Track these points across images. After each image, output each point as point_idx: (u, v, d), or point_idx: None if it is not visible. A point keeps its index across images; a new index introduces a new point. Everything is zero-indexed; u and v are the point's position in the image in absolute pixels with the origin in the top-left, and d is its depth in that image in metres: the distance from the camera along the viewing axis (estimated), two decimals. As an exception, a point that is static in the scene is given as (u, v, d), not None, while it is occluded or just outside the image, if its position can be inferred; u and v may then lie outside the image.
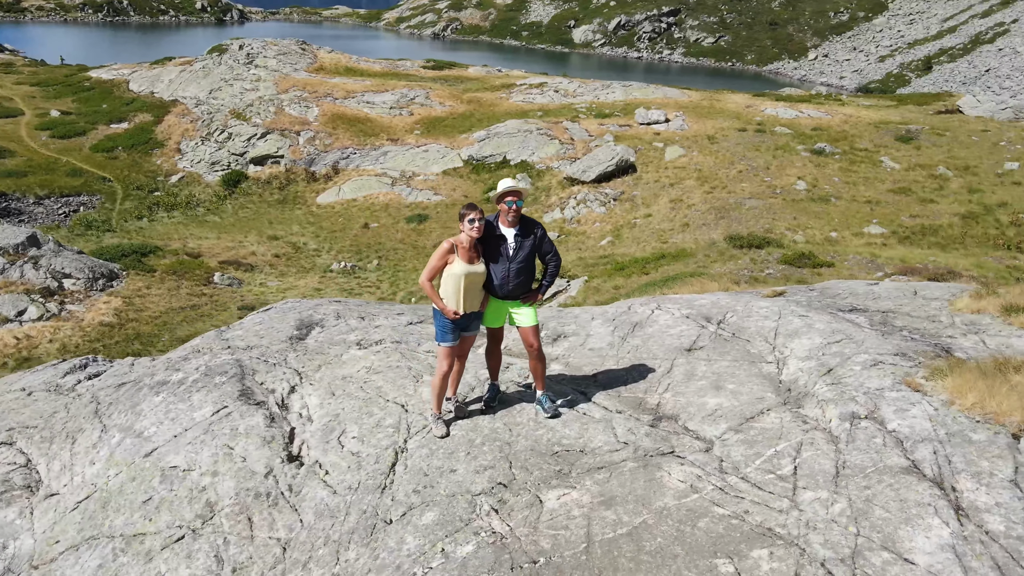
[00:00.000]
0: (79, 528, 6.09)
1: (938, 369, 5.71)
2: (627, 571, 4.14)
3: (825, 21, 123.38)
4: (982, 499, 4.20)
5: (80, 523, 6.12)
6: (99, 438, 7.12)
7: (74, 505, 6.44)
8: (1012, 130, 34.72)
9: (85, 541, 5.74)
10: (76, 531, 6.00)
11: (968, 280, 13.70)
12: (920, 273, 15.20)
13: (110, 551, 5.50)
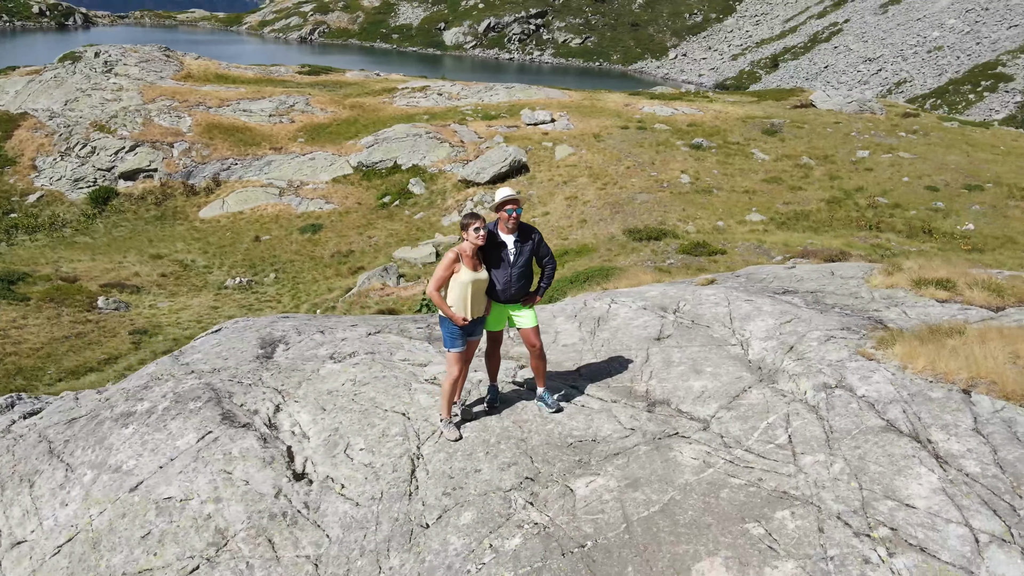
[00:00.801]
0: (68, 572, 5.79)
1: (884, 339, 6.49)
2: (670, 544, 4.52)
3: (681, 22, 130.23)
4: (955, 447, 4.91)
5: (68, 567, 5.82)
6: (66, 478, 6.74)
7: (54, 550, 6.10)
8: (859, 122, 38.31)
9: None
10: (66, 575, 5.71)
11: (858, 259, 15.20)
12: (816, 255, 16.67)
13: (120, 591, 5.30)
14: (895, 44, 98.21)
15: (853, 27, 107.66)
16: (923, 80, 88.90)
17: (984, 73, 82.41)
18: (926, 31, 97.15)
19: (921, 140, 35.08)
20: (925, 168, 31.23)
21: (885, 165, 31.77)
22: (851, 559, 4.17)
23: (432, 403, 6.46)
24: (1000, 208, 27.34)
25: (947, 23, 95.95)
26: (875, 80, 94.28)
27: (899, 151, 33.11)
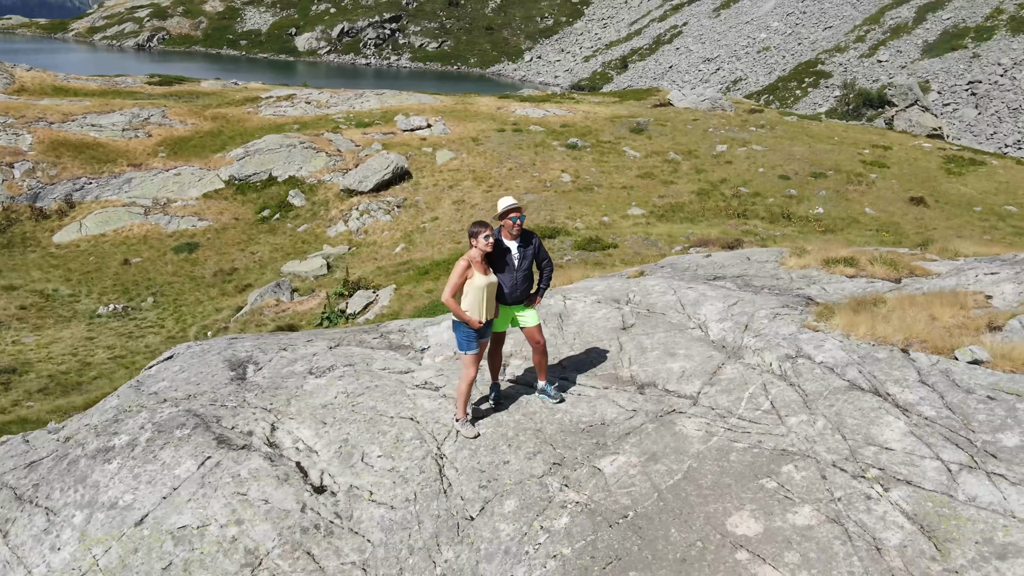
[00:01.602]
0: (85, 617, 5.61)
1: (823, 312, 7.47)
2: (700, 505, 5.13)
3: (534, 26, 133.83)
4: (910, 397, 5.85)
5: (84, 612, 5.64)
6: (49, 522, 6.42)
7: (59, 597, 5.86)
8: (714, 118, 41.38)
9: (120, 623, 5.36)
10: (84, 620, 5.52)
11: (750, 245, 16.70)
12: (715, 243, 18.08)
13: (165, 623, 5.25)
14: (729, 45, 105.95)
15: (691, 30, 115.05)
16: (756, 78, 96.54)
17: (807, 71, 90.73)
18: (755, 33, 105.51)
19: (769, 134, 38.46)
20: (776, 159, 34.31)
21: (742, 158, 34.58)
22: (856, 497, 4.94)
23: (436, 406, 6.75)
24: (842, 192, 30.59)
25: (772, 25, 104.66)
26: (715, 78, 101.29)
27: (752, 144, 36.15)
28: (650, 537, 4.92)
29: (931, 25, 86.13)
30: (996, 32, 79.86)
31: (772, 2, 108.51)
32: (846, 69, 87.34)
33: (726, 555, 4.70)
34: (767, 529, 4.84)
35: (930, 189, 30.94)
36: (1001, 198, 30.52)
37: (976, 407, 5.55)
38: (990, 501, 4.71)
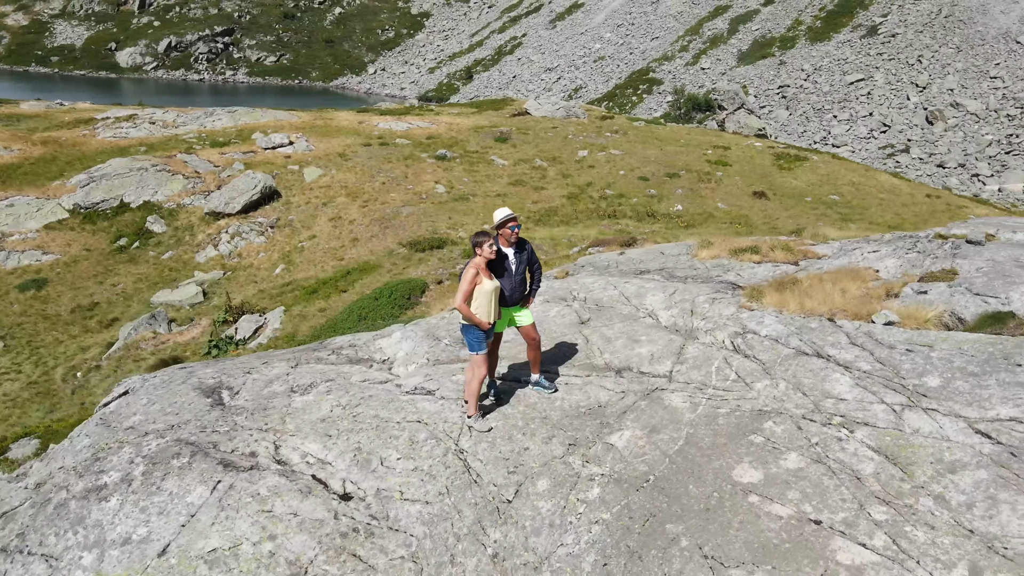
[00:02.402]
0: (127, 654, 5.56)
1: (752, 294, 8.63)
2: (706, 462, 5.98)
3: (375, 38, 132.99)
4: (846, 356, 7.04)
5: (124, 649, 5.58)
6: (52, 567, 6.22)
7: (88, 641, 5.74)
8: (571, 126, 43.54)
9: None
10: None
11: (644, 243, 18.08)
12: (611, 243, 19.32)
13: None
14: (567, 55, 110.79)
15: (531, 40, 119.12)
16: (595, 86, 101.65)
17: (641, 78, 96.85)
18: (590, 43, 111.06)
19: (623, 139, 41.05)
20: (633, 162, 36.75)
21: (603, 162, 36.72)
22: (829, 441, 5.99)
23: (438, 408, 7.17)
24: (696, 190, 33.36)
25: (605, 36, 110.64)
26: (557, 87, 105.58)
27: (610, 149, 38.47)
28: (674, 495, 5.70)
29: (743, 36, 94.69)
30: (797, 41, 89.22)
31: (603, 14, 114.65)
32: (675, 76, 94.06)
33: (740, 500, 5.56)
34: (766, 475, 5.76)
35: (768, 184, 34.48)
36: (825, 188, 34.60)
37: (900, 359, 6.82)
38: (930, 431, 5.90)
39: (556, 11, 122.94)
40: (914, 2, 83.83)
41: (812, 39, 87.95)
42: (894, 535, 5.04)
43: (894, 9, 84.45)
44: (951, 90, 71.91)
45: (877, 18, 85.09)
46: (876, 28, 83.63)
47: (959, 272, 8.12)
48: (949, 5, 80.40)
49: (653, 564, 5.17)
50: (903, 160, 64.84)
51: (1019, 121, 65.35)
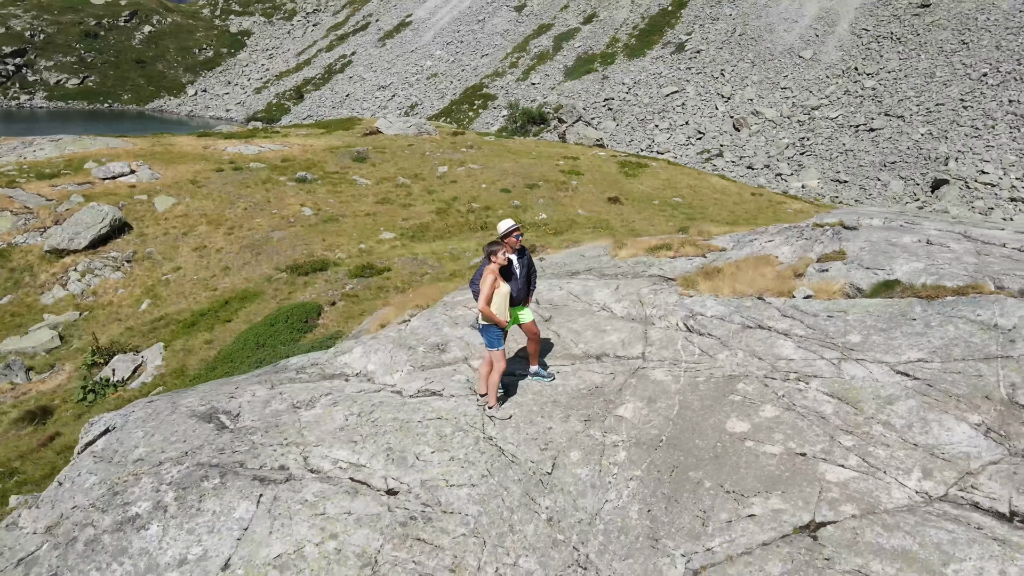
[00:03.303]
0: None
1: (687, 282, 10.06)
2: (701, 420, 7.19)
3: (192, 58, 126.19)
4: (783, 326, 8.58)
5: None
6: (109, 603, 6.24)
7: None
8: (426, 143, 44.39)
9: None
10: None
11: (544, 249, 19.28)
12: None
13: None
14: (400, 72, 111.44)
15: (361, 59, 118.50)
16: (431, 102, 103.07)
17: (475, 94, 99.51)
18: (421, 61, 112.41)
19: (479, 153, 42.50)
20: (493, 175, 38.26)
21: (464, 176, 37.91)
22: (792, 392, 7.41)
23: (452, 405, 7.86)
24: (556, 199, 35.42)
25: (436, 53, 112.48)
26: (392, 104, 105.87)
27: (468, 164, 39.75)
28: (686, 449, 6.84)
29: (567, 52, 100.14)
30: (616, 57, 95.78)
31: (432, 32, 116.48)
32: (508, 91, 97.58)
33: (739, 446, 6.81)
34: (753, 425, 7.06)
35: (619, 189, 37.29)
36: (668, 192, 38.01)
37: (825, 324, 8.45)
38: (864, 375, 7.49)
39: (384, 29, 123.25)
40: (712, 22, 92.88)
41: (629, 55, 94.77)
42: (862, 455, 6.48)
43: (696, 28, 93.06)
44: (751, 100, 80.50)
45: (683, 36, 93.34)
46: (683, 45, 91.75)
47: (847, 253, 10.02)
48: (741, 25, 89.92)
49: (688, 503, 6.27)
50: (719, 163, 71.73)
51: (808, 126, 74.45)
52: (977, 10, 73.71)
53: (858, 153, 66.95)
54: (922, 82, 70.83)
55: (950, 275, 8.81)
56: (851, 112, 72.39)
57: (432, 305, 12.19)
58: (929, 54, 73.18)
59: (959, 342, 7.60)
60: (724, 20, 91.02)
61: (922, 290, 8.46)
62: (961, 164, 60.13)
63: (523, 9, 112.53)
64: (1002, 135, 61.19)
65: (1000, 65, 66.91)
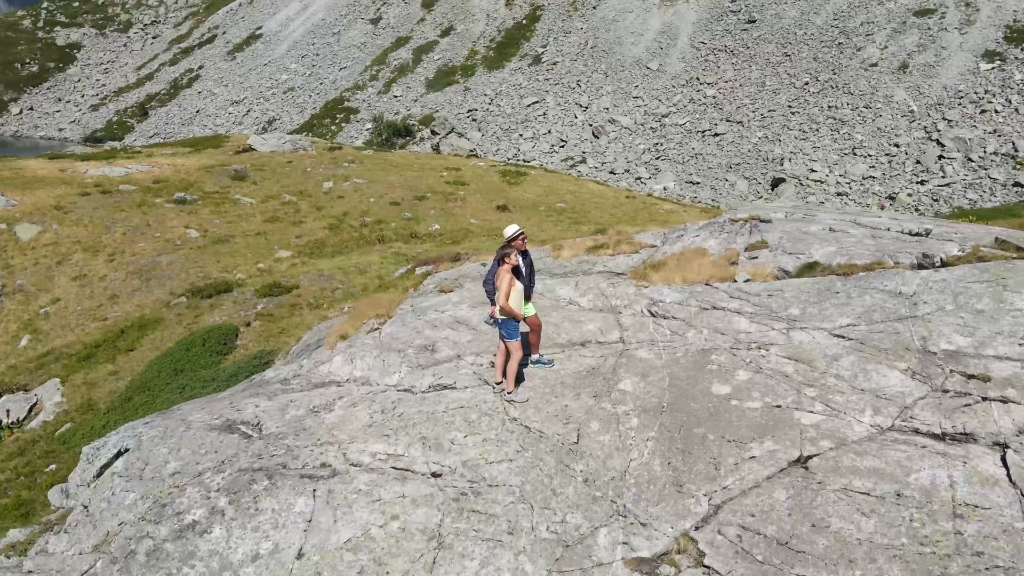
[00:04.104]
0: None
1: (638, 275, 11.40)
2: (691, 388, 8.46)
3: (15, 73, 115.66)
4: (734, 306, 10.07)
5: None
6: (192, 605, 6.56)
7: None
8: (306, 159, 43.83)
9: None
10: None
11: (469, 257, 20.05)
12: (440, 260, 20.83)
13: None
14: (254, 87, 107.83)
15: (210, 73, 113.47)
16: (290, 117, 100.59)
17: (337, 108, 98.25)
18: (276, 74, 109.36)
19: (362, 168, 42.54)
20: (380, 189, 38.54)
21: (351, 191, 37.94)
22: (758, 358, 8.86)
23: (468, 396, 8.67)
24: (446, 209, 36.32)
25: (291, 67, 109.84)
26: (248, 120, 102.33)
27: (353, 179, 39.77)
28: (686, 411, 8.09)
29: (428, 64, 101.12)
30: (477, 69, 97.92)
31: (285, 45, 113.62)
32: (370, 104, 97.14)
33: (727, 405, 8.14)
34: (733, 387, 8.43)
35: (505, 198, 38.75)
36: (552, 198, 39.94)
37: (768, 301, 10.03)
38: (810, 340, 9.08)
39: (233, 42, 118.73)
40: (565, 35, 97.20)
41: (489, 67, 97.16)
42: (825, 402, 8.00)
43: (551, 41, 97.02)
44: (607, 108, 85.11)
45: (539, 48, 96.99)
46: (540, 57, 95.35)
47: (769, 242, 11.75)
48: (592, 38, 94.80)
49: (700, 453, 7.50)
50: (583, 170, 75.32)
51: (660, 132, 79.80)
52: (796, 25, 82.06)
53: (707, 156, 72.64)
54: (755, 91, 77.90)
55: (858, 255, 10.71)
56: (697, 119, 78.35)
57: (392, 314, 12.83)
58: (759, 65, 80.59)
59: (876, 308, 9.39)
60: (576, 33, 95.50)
61: (838, 269, 10.27)
62: (794, 164, 66.82)
63: (379, 22, 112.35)
64: (825, 137, 68.63)
65: (819, 75, 74.96)
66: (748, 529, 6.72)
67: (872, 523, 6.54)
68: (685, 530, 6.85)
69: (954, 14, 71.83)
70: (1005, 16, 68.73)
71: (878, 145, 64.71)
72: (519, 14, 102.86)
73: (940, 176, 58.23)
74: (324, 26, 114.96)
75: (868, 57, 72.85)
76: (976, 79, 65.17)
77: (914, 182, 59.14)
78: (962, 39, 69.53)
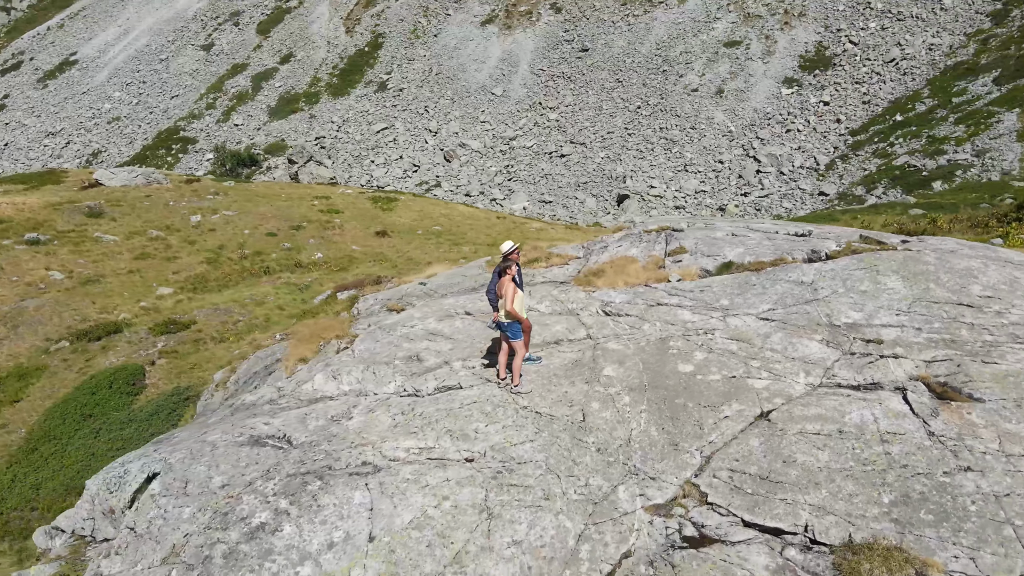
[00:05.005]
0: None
1: (582, 282, 13.03)
2: (660, 368, 10.16)
3: None
4: (674, 301, 11.95)
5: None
6: (286, 595, 7.24)
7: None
8: (165, 192, 41.91)
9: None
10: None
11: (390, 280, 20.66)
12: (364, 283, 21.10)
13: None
14: (73, 117, 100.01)
15: (18, 103, 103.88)
16: (118, 149, 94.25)
17: (171, 138, 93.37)
18: (97, 103, 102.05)
19: (227, 199, 41.38)
20: (252, 220, 37.83)
21: (222, 224, 36.95)
22: (708, 341, 10.74)
23: (477, 392, 9.82)
24: (326, 238, 36.39)
25: (115, 95, 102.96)
26: (68, 153, 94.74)
27: (221, 211, 38.70)
28: (664, 387, 9.76)
29: (269, 92, 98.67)
30: (321, 96, 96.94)
31: (106, 72, 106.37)
32: (209, 134, 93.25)
33: (695, 379, 9.91)
34: (695, 365, 10.23)
35: (382, 223, 39.37)
36: (427, 222, 41.07)
37: (701, 295, 12.01)
38: (743, 324, 11.11)
39: (43, 68, 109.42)
40: (409, 62, 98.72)
41: (333, 94, 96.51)
42: (768, 370, 9.98)
43: (395, 68, 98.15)
44: (456, 133, 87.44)
45: (383, 75, 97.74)
46: (385, 84, 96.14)
47: (687, 248, 13.82)
48: (436, 65, 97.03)
49: (685, 418, 9.18)
50: (439, 193, 76.89)
51: (509, 155, 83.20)
52: (624, 54, 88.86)
53: (556, 176, 76.78)
54: (594, 114, 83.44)
55: (763, 254, 13.02)
56: (543, 141, 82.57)
57: (348, 334, 13.62)
58: (595, 91, 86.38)
59: (787, 295, 11.63)
60: (420, 60, 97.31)
61: (750, 266, 12.48)
62: (635, 181, 72.36)
63: (211, 48, 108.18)
64: (660, 156, 74.92)
65: (649, 99, 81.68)
66: (736, 471, 8.45)
67: (826, 454, 8.49)
68: (687, 478, 8.47)
69: (757, 46, 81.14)
70: (798, 47, 78.70)
71: (705, 162, 71.68)
72: (360, 41, 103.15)
73: (760, 188, 65.61)
74: (149, 52, 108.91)
75: (689, 83, 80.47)
76: (780, 102, 74.09)
77: (739, 194, 66.16)
78: (765, 67, 78.74)
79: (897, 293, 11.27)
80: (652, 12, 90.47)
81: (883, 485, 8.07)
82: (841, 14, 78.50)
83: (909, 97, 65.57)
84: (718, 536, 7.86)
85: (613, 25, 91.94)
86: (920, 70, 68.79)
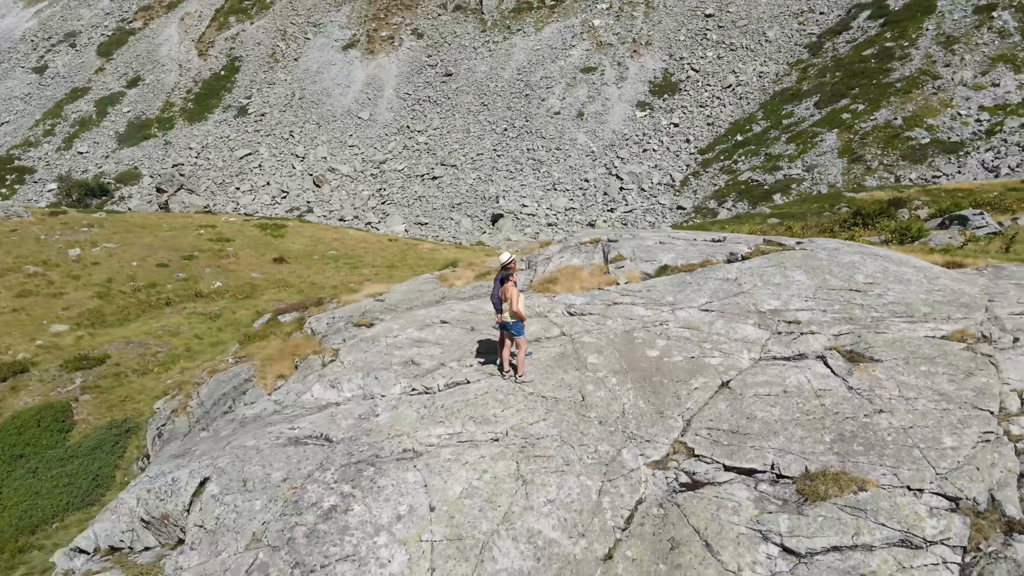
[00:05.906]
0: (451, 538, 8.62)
1: (542, 289, 14.78)
2: (632, 354, 12.08)
3: None
4: (628, 300, 13.96)
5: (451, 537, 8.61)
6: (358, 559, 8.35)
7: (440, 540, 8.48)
8: (32, 226, 39.22)
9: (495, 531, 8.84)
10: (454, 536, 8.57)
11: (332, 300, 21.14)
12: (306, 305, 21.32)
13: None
14: None
15: None
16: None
17: (5, 167, 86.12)
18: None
19: (106, 232, 39.43)
20: (138, 252, 36.46)
21: (105, 256, 35.37)
22: (665, 331, 12.80)
23: (486, 385, 11.25)
24: (222, 267, 35.81)
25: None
26: None
27: (102, 243, 36.95)
28: (640, 369, 11.68)
29: (116, 117, 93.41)
30: (176, 121, 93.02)
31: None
32: (49, 163, 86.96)
33: (663, 361, 11.91)
34: (660, 350, 12.24)
35: (276, 250, 39.15)
36: (321, 247, 41.24)
37: (649, 294, 14.09)
38: (689, 315, 13.29)
39: None
40: (269, 86, 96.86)
41: (189, 119, 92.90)
42: (719, 350, 12.17)
43: (255, 92, 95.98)
44: (325, 158, 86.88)
45: (243, 100, 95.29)
46: (246, 108, 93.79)
47: (625, 255, 15.89)
48: (299, 89, 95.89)
49: (664, 392, 11.13)
50: (312, 219, 76.10)
51: (381, 178, 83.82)
52: (487, 78, 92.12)
53: (429, 198, 78.27)
54: (462, 136, 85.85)
55: (691, 257, 15.35)
56: (414, 163, 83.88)
57: (324, 350, 14.57)
58: (461, 114, 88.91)
59: (719, 290, 13.97)
60: (281, 85, 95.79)
61: (683, 268, 14.75)
62: (508, 200, 75.27)
63: (45, 71, 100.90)
64: (529, 176, 78.39)
65: (514, 122, 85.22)
66: (712, 428, 10.48)
67: (778, 410, 10.71)
68: (675, 438, 10.40)
69: (611, 72, 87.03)
70: (647, 74, 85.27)
71: (572, 181, 75.90)
72: (216, 64, 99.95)
73: (624, 204, 70.47)
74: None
75: (551, 106, 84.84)
76: (635, 124, 79.93)
77: (606, 210, 70.68)
78: (620, 92, 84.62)
79: (803, 284, 13.91)
80: (511, 39, 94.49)
81: (823, 429, 10.35)
82: (683, 44, 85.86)
83: (746, 119, 72.99)
84: (707, 480, 9.80)
85: (475, 51, 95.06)
86: (753, 95, 76.76)
